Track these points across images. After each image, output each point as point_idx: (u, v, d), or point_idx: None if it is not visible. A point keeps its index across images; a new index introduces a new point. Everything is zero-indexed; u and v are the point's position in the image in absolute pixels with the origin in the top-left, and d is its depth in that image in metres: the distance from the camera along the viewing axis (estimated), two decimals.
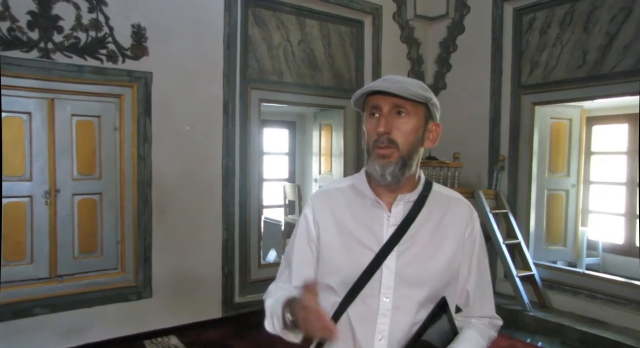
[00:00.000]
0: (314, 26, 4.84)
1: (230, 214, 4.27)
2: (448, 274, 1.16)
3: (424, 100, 1.12)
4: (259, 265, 4.60)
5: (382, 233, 1.15)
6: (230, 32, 4.21)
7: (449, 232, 1.18)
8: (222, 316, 4.25)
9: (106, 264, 3.77)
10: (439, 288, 1.14)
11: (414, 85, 1.11)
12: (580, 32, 4.16)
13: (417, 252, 1.14)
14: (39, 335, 3.44)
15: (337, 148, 5.36)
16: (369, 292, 1.12)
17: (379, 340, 1.11)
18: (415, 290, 1.12)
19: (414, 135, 1.12)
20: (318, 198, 1.26)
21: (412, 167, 1.14)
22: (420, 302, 1.13)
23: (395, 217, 1.15)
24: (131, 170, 3.80)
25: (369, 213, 1.17)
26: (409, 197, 1.17)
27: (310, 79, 4.84)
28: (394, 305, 1.12)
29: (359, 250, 1.15)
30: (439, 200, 1.20)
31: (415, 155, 1.14)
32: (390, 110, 1.11)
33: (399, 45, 5.43)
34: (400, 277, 1.12)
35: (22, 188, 3.41)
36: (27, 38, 3.33)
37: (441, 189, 1.24)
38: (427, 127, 1.16)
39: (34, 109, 3.43)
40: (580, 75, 4.19)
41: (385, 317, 1.12)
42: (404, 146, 1.11)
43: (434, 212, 1.18)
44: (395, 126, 1.10)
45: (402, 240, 1.13)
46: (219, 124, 4.20)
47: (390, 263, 1.13)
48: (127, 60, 3.72)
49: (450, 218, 1.19)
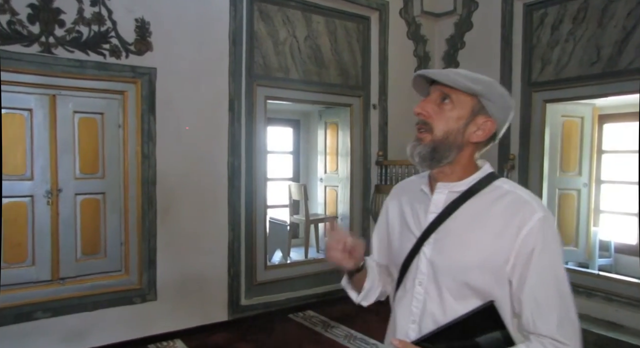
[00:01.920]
0: (320, 22, 4.74)
1: (236, 214, 4.16)
2: (486, 273, 1.07)
3: (470, 92, 1.10)
4: (265, 266, 4.50)
5: (424, 220, 1.18)
6: (235, 27, 4.11)
7: (492, 227, 1.09)
8: (228, 319, 4.14)
9: (110, 266, 3.66)
10: (475, 285, 1.08)
11: (464, 76, 1.10)
12: (595, 27, 4.07)
13: (451, 242, 1.12)
14: (41, 339, 3.32)
15: (344, 147, 5.26)
16: (409, 276, 1.19)
17: (412, 322, 1.16)
18: (445, 279, 1.12)
19: (453, 123, 1.12)
20: (394, 190, 1.37)
21: (448, 155, 1.12)
22: (451, 292, 1.10)
23: (436, 204, 1.17)
24: (135, 169, 3.69)
25: (419, 200, 1.22)
26: (455, 187, 1.15)
27: (316, 75, 4.74)
28: (426, 291, 1.15)
29: (407, 236, 1.22)
30: (494, 194, 1.13)
31: (453, 144, 1.12)
32: (437, 96, 1.14)
33: (406, 42, 5.35)
34: (433, 264, 1.14)
35: (23, 188, 3.29)
36: (27, 32, 3.22)
37: (505, 185, 1.15)
38: (474, 120, 1.13)
39: (35, 105, 3.31)
40: (595, 71, 4.10)
41: (418, 301, 1.16)
42: (439, 131, 1.12)
43: (481, 205, 1.12)
44: (435, 111, 1.13)
45: (440, 229, 1.14)
46: (224, 121, 4.09)
47: (426, 249, 1.15)
48: (130, 56, 3.61)
49: (497, 213, 1.10)
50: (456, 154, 1.13)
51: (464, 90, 1.10)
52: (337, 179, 5.49)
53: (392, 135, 5.21)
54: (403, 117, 5.28)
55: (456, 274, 1.10)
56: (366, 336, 3.92)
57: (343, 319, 4.32)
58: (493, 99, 1.11)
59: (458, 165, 1.15)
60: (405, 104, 5.32)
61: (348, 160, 5.15)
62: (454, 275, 1.10)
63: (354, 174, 5.12)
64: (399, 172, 4.84)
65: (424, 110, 1.13)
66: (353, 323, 4.21)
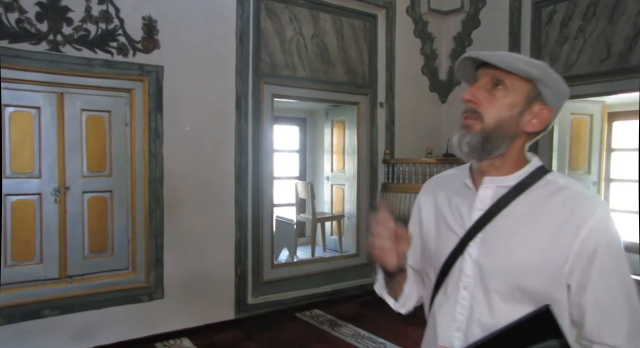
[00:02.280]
0: (327, 20, 4.73)
1: (243, 213, 4.15)
2: (542, 275, 0.97)
3: (528, 76, 1.00)
4: (272, 265, 4.49)
5: (468, 218, 1.07)
6: (242, 25, 4.10)
7: (548, 225, 0.99)
8: (234, 318, 4.13)
9: (117, 264, 3.66)
10: (529, 289, 0.98)
11: (518, 58, 1.00)
12: (605, 23, 4.02)
13: (501, 242, 1.01)
14: (48, 337, 3.33)
15: (351, 145, 5.23)
16: (451, 279, 1.08)
17: (456, 330, 1.06)
18: (495, 283, 1.01)
19: (506, 111, 1.01)
20: (426, 185, 1.27)
21: (500, 147, 1.02)
22: (502, 297, 1.00)
23: (482, 201, 1.06)
24: (142, 167, 3.68)
25: (461, 196, 1.11)
26: (503, 181, 1.05)
27: (323, 74, 4.72)
28: (473, 296, 1.04)
29: (447, 235, 1.11)
30: (547, 189, 1.02)
31: (506, 134, 1.02)
32: (488, 81, 1.03)
33: (413, 39, 5.32)
34: (481, 266, 1.03)
35: (31, 186, 3.29)
36: (35, 30, 3.22)
37: (558, 178, 1.04)
38: (529, 108, 1.02)
39: (43, 103, 3.32)
40: (604, 68, 4.06)
41: (464, 307, 1.05)
42: (490, 120, 1.01)
43: (534, 201, 1.02)
44: (486, 98, 1.02)
45: (487, 227, 1.03)
46: (231, 119, 4.09)
47: (472, 250, 1.05)
48: (137, 54, 3.61)
49: (553, 210, 0.99)
50: (508, 145, 1.03)
51: (521, 75, 1.00)
52: (343, 178, 5.47)
53: (399, 134, 5.19)
54: (410, 115, 5.26)
55: (508, 277, 1.00)
56: (374, 335, 3.90)
57: (350, 318, 4.30)
58: (550, 84, 1.01)
59: (509, 158, 1.05)
60: (413, 102, 5.30)
61: (355, 158, 5.13)
62: (506, 278, 1.00)
63: (361, 172, 5.10)
64: (406, 171, 4.81)
65: (473, 97, 1.03)
66: (360, 322, 4.19)
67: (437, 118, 5.52)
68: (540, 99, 1.02)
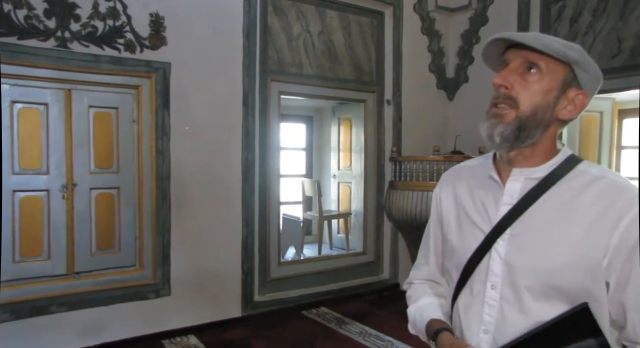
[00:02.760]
0: (334, 17, 4.71)
1: (250, 210, 4.14)
2: (578, 272, 0.91)
3: (565, 59, 0.93)
4: (279, 262, 4.48)
5: (495, 213, 1.01)
6: (249, 22, 4.08)
7: (583, 218, 0.92)
8: (241, 315, 4.12)
9: (124, 261, 3.66)
10: (564, 287, 0.92)
11: (555, 40, 0.93)
12: (616, 19, 3.97)
13: (533, 238, 0.95)
14: (56, 333, 3.33)
15: (357, 143, 5.21)
16: (477, 279, 1.02)
17: (484, 332, 1.00)
18: (528, 281, 0.94)
19: (541, 96, 0.94)
20: (445, 176, 1.20)
21: (534, 135, 0.96)
22: (535, 297, 0.94)
23: (510, 195, 0.99)
24: (149, 164, 3.68)
25: (485, 189, 1.04)
26: (533, 173, 0.98)
27: (330, 71, 4.70)
28: (502, 296, 0.98)
29: (471, 231, 1.04)
30: (581, 180, 0.95)
31: (541, 121, 0.95)
32: (520, 64, 0.96)
33: (420, 37, 5.28)
34: (510, 264, 0.97)
35: (39, 182, 3.30)
36: (44, 26, 3.22)
37: (592, 168, 0.97)
38: (565, 93, 0.96)
39: (50, 100, 3.32)
40: (615, 65, 4.01)
41: (492, 308, 0.99)
42: (526, 107, 0.94)
43: (567, 193, 0.95)
44: (519, 82, 0.95)
45: (516, 223, 0.97)
46: (238, 117, 4.07)
47: (500, 247, 0.98)
48: (145, 50, 3.61)
49: (588, 202, 0.92)
50: (541, 134, 0.96)
51: (558, 57, 0.92)
52: (350, 175, 5.45)
53: (406, 131, 5.16)
54: (417, 112, 5.23)
55: (542, 276, 0.93)
56: (381, 333, 3.87)
57: (357, 316, 4.28)
58: (586, 67, 0.94)
59: (540, 147, 0.98)
60: (420, 99, 5.27)
61: (362, 156, 5.11)
62: (539, 276, 0.93)
63: (368, 170, 5.07)
64: (413, 168, 4.78)
65: (505, 81, 0.95)
66: (367, 320, 4.17)
67: (445, 115, 5.48)
68: (576, 83, 0.96)
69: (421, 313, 1.15)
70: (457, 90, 5.48)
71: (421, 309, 1.16)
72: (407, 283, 1.28)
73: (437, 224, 1.17)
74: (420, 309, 1.16)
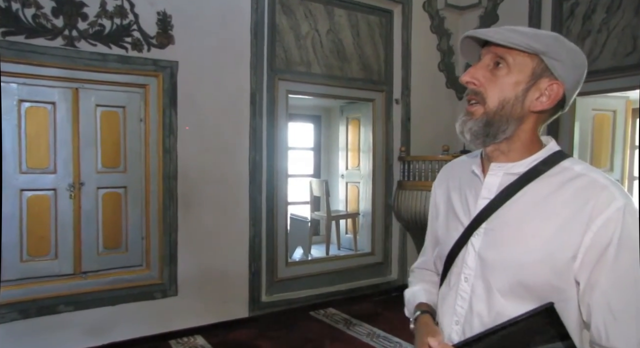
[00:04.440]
0: (343, 15, 4.67)
1: (257, 210, 4.12)
2: (546, 270, 0.89)
3: (531, 50, 0.92)
4: (286, 263, 4.44)
5: (474, 206, 1.02)
6: (257, 20, 4.06)
7: (557, 216, 0.90)
8: (248, 316, 4.09)
9: (131, 261, 3.65)
10: (532, 285, 0.91)
11: (521, 32, 0.93)
12: (631, 16, 3.89)
13: (506, 234, 0.95)
14: (64, 332, 3.33)
15: (366, 142, 5.17)
16: (455, 270, 1.05)
17: (455, 323, 1.02)
18: (496, 277, 0.95)
19: (509, 90, 0.94)
20: (442, 170, 1.23)
21: (505, 130, 0.96)
22: (501, 292, 0.94)
23: (488, 189, 1.00)
24: (156, 163, 3.67)
25: (469, 184, 1.07)
26: (512, 168, 0.98)
27: (338, 70, 4.66)
28: (472, 289, 0.99)
29: (454, 224, 1.07)
30: (561, 177, 0.93)
31: (510, 116, 0.95)
32: (490, 60, 0.97)
33: (429, 35, 5.23)
34: (483, 258, 0.98)
35: (47, 181, 3.30)
36: (51, 25, 3.22)
37: (575, 165, 0.95)
38: (536, 84, 0.94)
39: (58, 98, 3.32)
40: (629, 62, 3.93)
41: (464, 300, 1.01)
42: (493, 102, 0.95)
43: (545, 190, 0.94)
44: (488, 78, 0.96)
45: (492, 217, 0.97)
46: (245, 116, 4.05)
47: (475, 241, 1.00)
48: (152, 49, 3.59)
49: (565, 200, 0.91)
50: (515, 128, 0.96)
51: (522, 50, 0.93)
52: (358, 175, 5.41)
53: (415, 131, 5.11)
54: (426, 112, 5.17)
55: (510, 271, 0.93)
56: (389, 334, 3.83)
57: (365, 317, 4.23)
58: (559, 56, 0.93)
59: (517, 142, 0.98)
60: (429, 98, 5.21)
61: (370, 156, 5.06)
62: (508, 272, 0.93)
63: (376, 170, 5.02)
64: (422, 168, 4.73)
65: (473, 78, 0.97)
66: (375, 321, 4.13)
67: (454, 115, 5.41)
68: (548, 73, 0.94)
69: (414, 296, 1.20)
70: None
71: (414, 293, 1.21)
72: (411, 270, 1.35)
73: (433, 217, 1.21)
74: (414, 293, 1.21)
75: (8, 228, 3.16)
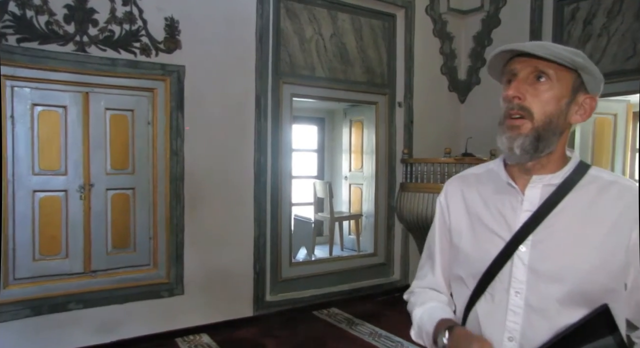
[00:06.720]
0: (346, 20, 4.74)
1: (262, 211, 4.20)
2: (603, 275, 0.94)
3: (573, 66, 0.95)
4: (290, 263, 4.52)
5: (514, 219, 1.01)
6: (262, 25, 4.14)
7: (603, 222, 0.95)
8: (253, 315, 4.18)
9: (139, 260, 3.74)
10: (590, 291, 0.94)
11: (560, 47, 0.96)
12: (631, 20, 3.95)
13: (557, 244, 0.97)
14: (74, 330, 3.42)
15: (369, 145, 5.24)
16: (499, 286, 1.02)
17: (509, 340, 1.00)
18: (553, 287, 0.95)
19: (554, 104, 0.96)
20: (451, 183, 1.20)
21: (552, 144, 0.98)
22: (560, 302, 0.95)
23: (530, 201, 1.01)
24: (164, 165, 3.76)
25: (501, 197, 1.05)
26: (550, 180, 1.00)
27: (342, 73, 4.74)
28: (527, 303, 0.98)
29: (489, 238, 1.04)
30: (596, 185, 0.99)
31: (556, 129, 0.97)
32: (529, 74, 0.97)
33: (432, 39, 5.29)
34: (535, 270, 0.98)
35: (58, 183, 3.40)
36: (63, 31, 3.32)
37: (602, 173, 1.01)
38: (575, 99, 0.98)
39: (69, 102, 3.42)
40: (630, 67, 3.98)
41: (517, 315, 0.99)
42: (540, 116, 0.96)
43: (585, 198, 0.98)
44: (531, 92, 0.97)
45: (539, 229, 0.98)
46: (251, 119, 4.13)
47: (522, 254, 0.99)
48: (160, 54, 3.69)
49: (606, 206, 0.96)
50: (557, 141, 0.99)
51: (566, 64, 0.94)
52: (361, 177, 5.48)
53: (418, 133, 5.17)
54: (428, 115, 5.24)
55: (569, 281, 0.94)
56: (391, 334, 3.90)
57: (368, 317, 4.30)
58: (591, 72, 0.97)
59: (555, 154, 1.00)
60: (431, 101, 5.28)
61: (373, 158, 5.13)
62: (566, 282, 0.94)
63: (379, 172, 5.10)
64: (424, 170, 4.80)
65: (519, 92, 0.96)
66: (378, 320, 4.20)
67: (456, 118, 5.48)
68: (584, 88, 0.99)
69: (430, 314, 1.13)
70: (468, 93, 5.48)
71: (430, 310, 1.14)
72: (407, 293, 1.28)
73: (444, 234, 1.17)
74: (430, 310, 1.14)
75: (21, 228, 3.27)
